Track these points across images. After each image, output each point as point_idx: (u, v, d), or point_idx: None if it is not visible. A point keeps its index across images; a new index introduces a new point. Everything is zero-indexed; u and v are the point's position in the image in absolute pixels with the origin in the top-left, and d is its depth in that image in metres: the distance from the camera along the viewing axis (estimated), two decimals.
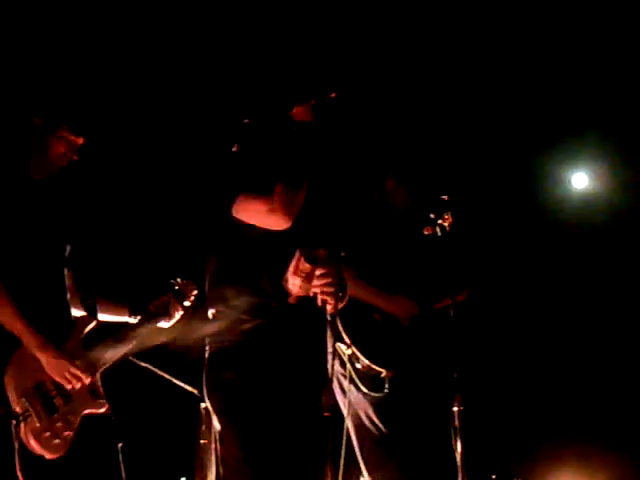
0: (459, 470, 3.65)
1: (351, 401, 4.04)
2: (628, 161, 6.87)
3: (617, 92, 6.51)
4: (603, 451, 6.07)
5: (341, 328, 4.04)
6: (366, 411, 4.13)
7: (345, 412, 4.07)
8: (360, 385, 4.05)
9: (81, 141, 3.76)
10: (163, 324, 3.98)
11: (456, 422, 3.68)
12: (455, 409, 3.68)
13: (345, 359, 4.04)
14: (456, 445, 3.67)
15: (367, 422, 4.13)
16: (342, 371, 4.12)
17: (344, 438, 3.83)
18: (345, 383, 4.11)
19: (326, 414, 3.13)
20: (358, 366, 4.04)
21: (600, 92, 6.51)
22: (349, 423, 4.06)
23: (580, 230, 6.94)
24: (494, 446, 6.02)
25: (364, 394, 4.10)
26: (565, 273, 6.83)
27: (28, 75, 5.06)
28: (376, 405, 4.11)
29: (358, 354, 4.03)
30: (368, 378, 4.06)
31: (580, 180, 7.25)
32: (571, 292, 6.78)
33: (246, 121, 3.53)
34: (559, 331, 6.69)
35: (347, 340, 4.03)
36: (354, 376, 4.03)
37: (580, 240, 6.90)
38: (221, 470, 3.29)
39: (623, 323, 6.68)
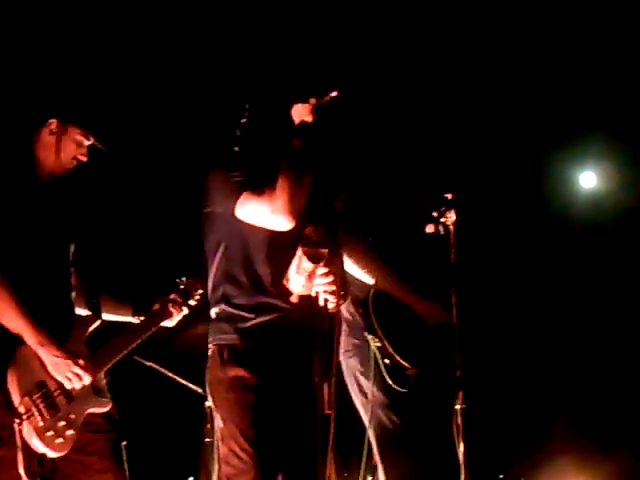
0: (462, 468, 3.63)
1: (370, 400, 4.04)
2: (636, 160, 6.85)
3: (625, 92, 6.50)
4: (608, 449, 6.06)
5: (374, 320, 4.04)
6: (385, 409, 4.12)
7: (361, 410, 4.09)
8: (387, 378, 4.04)
9: (90, 142, 3.77)
10: (167, 323, 3.99)
11: (459, 420, 3.66)
12: (458, 407, 3.67)
13: (374, 350, 4.04)
14: (459, 443, 3.66)
15: (386, 421, 4.12)
16: (361, 369, 4.12)
17: (366, 439, 3.86)
18: (364, 382, 4.10)
19: (328, 412, 3.13)
20: (387, 361, 4.04)
21: (608, 92, 6.50)
22: (369, 422, 4.07)
23: (588, 229, 6.93)
24: (501, 445, 6.01)
25: (385, 392, 4.09)
26: (572, 272, 6.81)
27: (38, 76, 5.08)
28: (396, 403, 4.10)
29: (388, 347, 4.03)
30: (393, 373, 4.06)
31: (588, 179, 7.24)
32: (578, 291, 6.76)
33: (244, 121, 3.54)
34: (565, 329, 6.68)
35: (379, 332, 4.03)
36: (382, 368, 4.03)
37: (588, 239, 6.89)
38: (222, 468, 3.29)
39: (630, 322, 6.67)
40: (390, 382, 4.05)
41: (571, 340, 6.66)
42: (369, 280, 4.12)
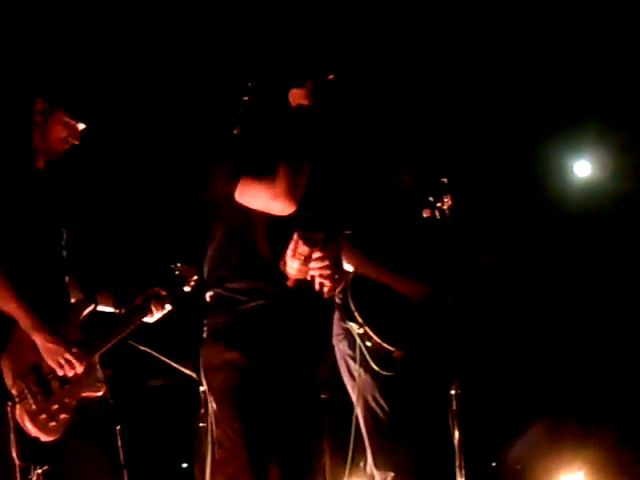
0: (457, 454, 3.64)
1: (359, 384, 4.05)
2: (630, 149, 6.85)
3: (619, 80, 6.49)
4: (603, 435, 6.07)
5: (353, 307, 4.04)
6: (373, 393, 4.13)
7: (352, 394, 4.09)
8: (371, 363, 4.04)
9: (82, 126, 3.75)
10: (147, 319, 3.93)
11: (454, 406, 3.66)
12: (453, 393, 3.67)
13: (356, 338, 4.05)
14: (454, 428, 3.66)
15: (374, 404, 4.13)
16: (350, 353, 4.12)
17: (353, 422, 3.86)
18: (353, 365, 4.11)
19: (323, 395, 3.13)
20: (369, 344, 4.05)
21: (602, 80, 6.49)
22: (357, 406, 4.07)
23: (583, 218, 6.93)
24: (494, 433, 6.02)
25: (372, 375, 4.09)
26: (567, 261, 6.82)
27: (28, 60, 5.05)
28: (384, 386, 4.11)
29: (370, 333, 4.04)
30: (378, 357, 4.06)
31: (582, 168, 7.23)
32: (571, 278, 6.77)
33: (245, 98, 3.52)
34: (559, 318, 6.69)
35: (359, 319, 4.04)
36: (366, 354, 4.04)
37: (583, 228, 6.89)
38: (217, 452, 3.28)
39: (626, 309, 6.67)
40: (375, 367, 4.05)
41: (566, 327, 6.67)
42: (348, 268, 4.12)
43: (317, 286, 3.32)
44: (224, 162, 3.43)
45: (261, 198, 3.31)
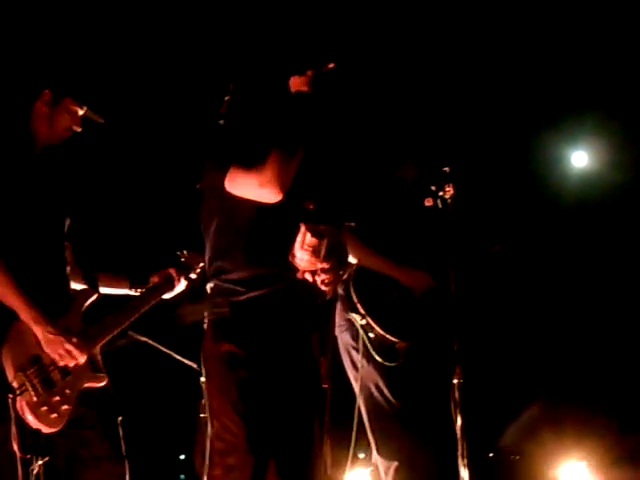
0: (459, 443, 3.64)
1: (362, 375, 4.05)
2: (628, 139, 6.86)
3: (617, 70, 6.49)
4: (606, 424, 6.08)
5: (355, 299, 4.05)
6: (376, 383, 4.14)
7: (355, 385, 4.10)
8: (374, 354, 4.05)
9: (83, 112, 3.73)
10: (166, 295, 3.94)
11: (456, 395, 3.66)
12: (455, 381, 3.67)
13: (359, 329, 4.06)
14: (456, 418, 3.66)
15: (377, 394, 4.14)
16: (353, 344, 4.13)
17: (356, 413, 3.86)
18: (356, 356, 4.12)
19: (325, 385, 3.12)
20: (372, 335, 4.05)
21: (600, 70, 6.49)
22: (359, 396, 4.08)
23: (579, 208, 6.93)
24: (492, 423, 6.03)
25: (375, 366, 4.10)
26: (564, 251, 6.82)
27: (32, 47, 5.04)
28: (387, 377, 4.12)
29: (372, 324, 4.04)
30: (381, 348, 4.07)
31: (580, 158, 7.24)
32: (568, 268, 6.78)
33: (227, 98, 3.51)
34: (559, 307, 6.70)
35: (361, 310, 4.04)
36: (368, 345, 4.04)
37: (579, 218, 6.90)
38: (214, 444, 3.26)
39: (622, 300, 6.69)
40: (378, 358, 4.06)
41: (565, 316, 6.69)
42: (351, 260, 4.11)
43: (320, 286, 3.31)
44: (215, 153, 3.42)
45: (248, 185, 3.29)
